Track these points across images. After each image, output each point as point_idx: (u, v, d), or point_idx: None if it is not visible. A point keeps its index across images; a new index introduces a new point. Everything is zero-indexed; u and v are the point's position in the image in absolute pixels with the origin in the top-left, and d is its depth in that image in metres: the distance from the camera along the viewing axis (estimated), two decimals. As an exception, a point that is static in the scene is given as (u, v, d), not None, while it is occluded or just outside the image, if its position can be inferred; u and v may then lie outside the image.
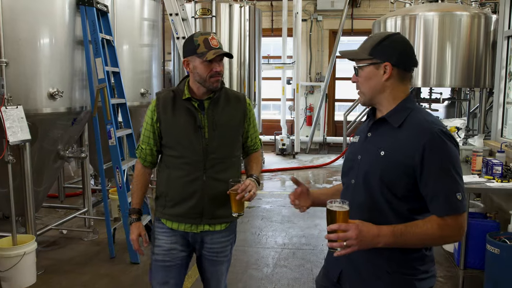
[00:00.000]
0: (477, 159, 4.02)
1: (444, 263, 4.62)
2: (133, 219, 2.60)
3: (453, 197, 1.73)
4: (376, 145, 1.89)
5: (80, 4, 4.62)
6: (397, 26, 8.01)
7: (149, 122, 2.54)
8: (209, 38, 2.40)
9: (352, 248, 1.70)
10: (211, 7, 9.10)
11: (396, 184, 1.80)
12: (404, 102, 1.87)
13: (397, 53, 1.85)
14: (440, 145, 1.74)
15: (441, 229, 1.73)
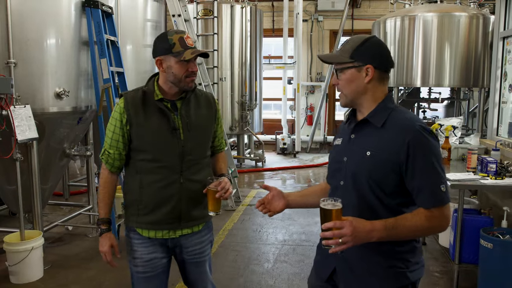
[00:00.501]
0: (472, 157, 4.13)
1: (440, 259, 4.73)
2: (103, 229, 2.47)
3: (438, 190, 1.81)
4: (361, 146, 1.94)
5: (85, 6, 4.74)
6: (397, 26, 8.11)
7: (117, 125, 2.39)
8: (184, 37, 2.33)
9: (347, 244, 1.74)
10: (212, 8, 9.21)
11: (384, 182, 1.87)
12: (384, 102, 1.93)
13: (377, 56, 1.92)
14: (423, 141, 1.82)
15: (429, 221, 1.80)
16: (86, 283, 4.28)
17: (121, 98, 2.41)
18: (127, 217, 2.51)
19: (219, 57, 9.38)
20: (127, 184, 2.49)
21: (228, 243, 5.26)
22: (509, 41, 4.73)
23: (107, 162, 2.45)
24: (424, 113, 9.98)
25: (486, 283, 3.61)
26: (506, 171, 3.97)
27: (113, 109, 2.43)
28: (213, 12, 9.21)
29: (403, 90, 9.51)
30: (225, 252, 4.99)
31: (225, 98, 9.58)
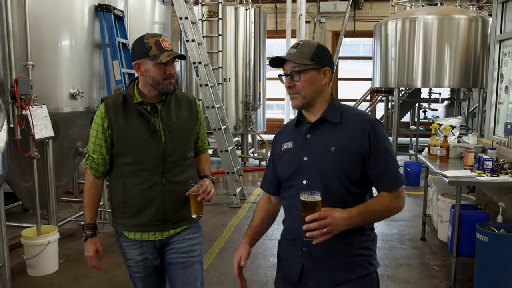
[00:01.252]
0: (469, 155, 4.31)
1: (439, 253, 4.92)
2: (88, 234, 2.48)
3: (398, 173, 1.98)
4: (322, 143, 2.00)
5: (98, 10, 4.93)
6: (398, 28, 8.30)
7: (99, 130, 2.40)
8: (160, 40, 2.33)
9: (331, 233, 1.82)
10: (217, 9, 9.39)
11: (352, 172, 1.97)
12: (333, 101, 2.06)
13: (330, 59, 2.05)
14: (379, 131, 1.97)
15: (392, 202, 1.96)
16: (98, 276, 4.47)
17: (102, 103, 2.43)
18: (114, 220, 2.52)
19: (224, 58, 9.56)
20: (112, 188, 2.50)
21: (234, 238, 5.44)
22: (505, 44, 4.91)
23: (91, 167, 2.46)
24: (424, 113, 10.16)
25: (482, 274, 3.80)
26: (502, 168, 4.16)
27: (96, 113, 2.43)
28: (217, 14, 9.38)
29: (404, 91, 9.68)
30: (232, 247, 5.18)
31: (230, 98, 9.77)
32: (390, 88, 8.93)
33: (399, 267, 4.59)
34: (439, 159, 4.83)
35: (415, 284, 4.23)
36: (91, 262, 2.48)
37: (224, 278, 4.38)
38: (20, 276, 4.38)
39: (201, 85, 6.80)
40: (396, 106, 8.68)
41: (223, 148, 6.74)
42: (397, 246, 5.18)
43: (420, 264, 4.70)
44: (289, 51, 2.03)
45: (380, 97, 10.19)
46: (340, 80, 12.90)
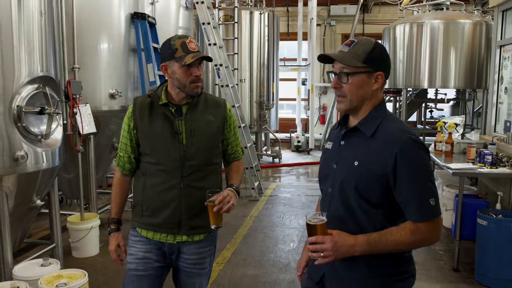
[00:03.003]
0: (471, 149, 4.77)
1: (444, 240, 5.38)
2: (112, 229, 2.51)
3: (426, 203, 1.77)
4: (350, 154, 1.90)
5: (134, 18, 5.43)
6: (406, 32, 8.75)
7: (126, 129, 2.46)
8: (187, 41, 2.31)
9: (329, 258, 1.78)
10: (233, 14, 9.87)
11: (371, 193, 1.84)
12: (376, 109, 1.90)
13: (387, 63, 1.91)
14: (411, 154, 1.78)
15: (414, 235, 1.78)
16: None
17: (131, 104, 2.49)
18: (132, 216, 2.54)
19: (239, 60, 10.04)
20: (135, 186, 2.53)
21: (256, 227, 5.92)
22: (505, 49, 5.37)
23: (118, 164, 2.53)
24: (431, 113, 10.60)
25: (482, 255, 4.25)
26: (500, 161, 4.62)
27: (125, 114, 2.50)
28: (233, 18, 9.86)
29: (411, 91, 10.12)
30: (254, 234, 5.66)
31: (245, 98, 10.24)
32: (398, 88, 9.38)
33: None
34: (444, 154, 5.30)
35: (422, 265, 4.70)
36: (112, 256, 2.51)
37: (250, 260, 4.85)
38: (67, 257, 4.87)
39: (222, 86, 7.28)
40: (404, 106, 9.13)
41: (242, 145, 7.22)
42: (405, 234, 5.64)
43: (426, 249, 5.16)
44: (341, 48, 1.90)
45: (388, 97, 10.64)
46: (349, 81, 13.34)
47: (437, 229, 1.82)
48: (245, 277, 4.42)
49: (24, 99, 3.64)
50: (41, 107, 3.76)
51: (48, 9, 3.93)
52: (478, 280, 4.28)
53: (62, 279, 3.45)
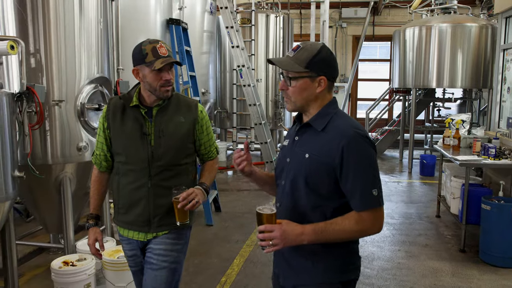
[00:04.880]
0: (476, 143, 5.28)
1: (452, 226, 5.89)
2: (90, 224, 2.58)
3: (369, 193, 1.85)
4: (302, 148, 1.97)
5: (169, 23, 5.96)
6: (415, 35, 9.26)
7: (101, 128, 2.54)
8: (157, 46, 2.34)
9: (278, 246, 1.83)
10: (250, 17, 10.37)
11: (320, 185, 1.90)
12: (326, 107, 1.97)
13: (330, 67, 1.95)
14: (356, 146, 1.85)
15: (358, 224, 1.85)
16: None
17: (106, 105, 2.57)
18: (114, 215, 2.66)
19: (256, 60, 10.55)
20: (111, 185, 2.63)
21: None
22: (508, 52, 5.87)
23: (95, 162, 2.63)
24: (438, 111, 11.08)
25: (485, 237, 4.76)
26: (503, 154, 5.12)
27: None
28: (250, 20, 10.37)
29: (420, 91, 10.60)
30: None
31: (261, 97, 10.69)
32: (407, 88, 9.88)
33: (418, 236, 5.57)
34: (452, 148, 5.81)
35: (432, 247, 5.22)
36: (91, 249, 2.58)
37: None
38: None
39: (244, 86, 7.80)
40: (413, 105, 9.62)
41: (263, 140, 7.74)
42: (416, 221, 6.15)
43: (435, 234, 5.68)
44: (288, 53, 1.98)
45: (397, 97, 11.14)
46: (360, 81, 13.87)
47: (379, 218, 1.89)
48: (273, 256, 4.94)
49: (85, 97, 4.19)
50: (98, 104, 4.30)
51: (103, 18, 4.48)
52: (483, 259, 4.80)
53: (120, 253, 3.97)
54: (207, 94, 7.67)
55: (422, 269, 4.63)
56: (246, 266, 4.68)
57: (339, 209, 1.91)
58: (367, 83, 14.03)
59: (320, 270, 1.97)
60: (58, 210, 4.37)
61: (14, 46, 3.17)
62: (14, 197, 3.19)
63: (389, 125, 11.78)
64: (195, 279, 4.35)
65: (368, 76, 14.13)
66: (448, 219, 6.16)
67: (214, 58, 8.54)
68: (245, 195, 7.67)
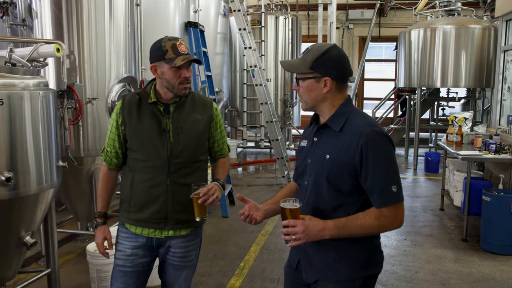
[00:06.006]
0: (478, 139, 5.61)
1: (455, 218, 6.22)
2: (99, 223, 2.53)
3: (388, 190, 1.90)
4: (322, 149, 2.03)
5: (188, 26, 6.31)
6: (420, 36, 9.56)
7: (114, 125, 2.49)
8: (177, 43, 2.35)
9: (300, 240, 1.89)
10: (260, 18, 10.70)
11: (342, 183, 1.96)
12: (342, 107, 2.03)
13: (335, 68, 1.99)
14: (375, 145, 1.90)
15: (378, 219, 1.91)
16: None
17: (120, 101, 2.52)
18: (120, 212, 2.59)
19: (265, 61, 10.87)
20: (123, 181, 2.58)
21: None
22: (508, 53, 6.19)
23: (105, 159, 2.57)
24: (443, 110, 11.37)
25: (486, 226, 5.08)
26: (503, 149, 5.44)
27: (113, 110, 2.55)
28: (260, 22, 10.70)
29: (425, 90, 10.90)
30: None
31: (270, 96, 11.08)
32: (412, 88, 10.19)
33: (423, 227, 5.90)
34: (455, 144, 6.13)
35: (436, 237, 5.55)
36: (100, 249, 2.52)
37: (288, 232, 5.70)
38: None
39: (256, 85, 8.13)
40: (418, 104, 9.94)
41: (274, 137, 8.08)
42: (420, 214, 6.49)
43: (439, 225, 6.01)
44: (299, 55, 2.09)
45: (403, 97, 11.45)
46: (366, 81, 14.21)
47: (399, 214, 1.94)
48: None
49: (115, 96, 4.55)
50: (126, 102, 4.65)
51: (130, 21, 4.84)
52: (483, 247, 5.13)
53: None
54: (221, 93, 8.01)
55: (426, 256, 4.97)
56: (263, 253, 5.02)
57: (361, 205, 1.98)
58: (373, 83, 14.36)
59: (343, 266, 2.02)
60: (89, 199, 4.74)
61: (60, 48, 3.51)
62: (57, 185, 3.51)
63: (395, 124, 12.10)
64: (216, 264, 4.69)
65: (374, 76, 14.45)
66: (451, 212, 6.49)
67: (227, 59, 8.89)
68: (257, 190, 8.01)
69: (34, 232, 3.49)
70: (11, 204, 3.16)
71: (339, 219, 1.93)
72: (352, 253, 2.03)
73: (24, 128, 3.12)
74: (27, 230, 3.39)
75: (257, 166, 10.48)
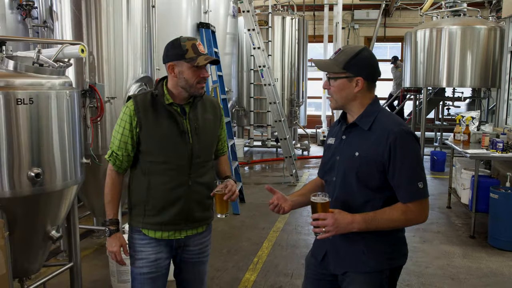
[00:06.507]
0: (485, 138, 5.72)
1: (462, 216, 6.33)
2: (112, 230, 2.45)
3: (415, 186, 2.01)
4: (351, 147, 2.13)
5: (200, 27, 6.43)
6: (426, 37, 9.65)
7: (127, 127, 2.39)
8: (196, 43, 2.34)
9: (330, 233, 2.00)
10: (267, 19, 10.80)
11: (370, 179, 2.07)
12: (370, 106, 2.13)
13: (367, 68, 2.11)
14: (403, 143, 2.01)
15: (405, 214, 2.02)
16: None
17: (130, 100, 2.42)
18: (132, 218, 2.51)
19: (272, 61, 10.98)
20: (134, 186, 2.48)
21: (298, 205, 6.89)
22: (515, 53, 6.32)
23: (114, 164, 2.45)
24: (448, 110, 11.46)
25: (494, 223, 5.19)
26: (510, 148, 5.54)
27: (122, 110, 2.44)
28: (267, 23, 10.80)
29: (430, 90, 10.99)
30: (299, 210, 6.60)
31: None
32: (418, 87, 10.28)
33: (430, 224, 6.01)
34: (462, 143, 6.24)
35: (444, 233, 5.67)
36: (117, 257, 2.47)
37: (299, 229, 5.83)
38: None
39: (265, 85, 8.26)
40: (424, 103, 10.04)
41: (283, 136, 8.21)
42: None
43: (447, 222, 6.13)
44: (331, 55, 2.19)
45: (408, 95, 11.55)
46: (371, 80, 14.26)
47: (425, 209, 2.05)
48: (299, 240, 5.42)
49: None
50: (143, 101, 4.77)
51: (147, 22, 4.96)
52: (491, 244, 5.24)
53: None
54: (230, 92, 8.14)
55: (435, 252, 5.08)
56: (275, 248, 5.14)
57: (388, 200, 2.07)
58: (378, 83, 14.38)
59: (371, 258, 2.12)
60: (106, 196, 4.85)
61: (84, 49, 3.63)
62: (81, 182, 3.64)
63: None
64: (230, 259, 4.81)
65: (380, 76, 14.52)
66: (458, 210, 6.60)
67: (236, 59, 9.02)
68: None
69: (59, 227, 3.62)
70: (38, 200, 3.29)
71: (367, 213, 2.03)
72: (380, 246, 2.12)
73: (51, 126, 3.25)
74: (52, 225, 3.52)
75: (264, 165, 10.60)
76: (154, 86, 3.40)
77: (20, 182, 3.13)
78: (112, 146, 2.44)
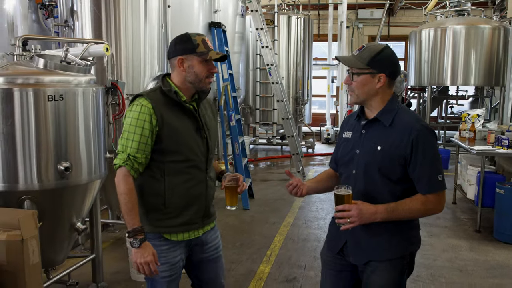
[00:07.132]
0: (491, 135, 5.86)
1: (467, 211, 6.47)
2: (142, 239, 2.24)
3: (435, 179, 2.15)
4: (372, 141, 2.22)
5: (211, 26, 6.56)
6: (430, 36, 9.80)
7: (146, 127, 2.24)
8: (206, 39, 2.33)
9: (354, 223, 2.10)
10: (273, 18, 10.92)
11: (391, 171, 2.18)
12: (390, 103, 2.24)
13: (390, 65, 2.20)
14: (424, 138, 2.14)
15: (424, 205, 2.16)
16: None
17: (142, 99, 2.29)
18: (149, 222, 2.37)
19: (278, 59, 11.09)
20: (151, 188, 2.36)
21: (307, 202, 7.02)
22: (520, 52, 6.46)
23: (132, 168, 2.26)
24: (451, 108, 11.60)
25: (499, 218, 5.33)
26: (515, 144, 5.70)
27: (134, 109, 2.28)
28: (273, 22, 10.93)
29: (434, 88, 11.13)
30: (307, 206, 6.77)
31: (282, 94, 11.35)
32: (423, 86, 10.43)
33: (437, 219, 6.15)
34: (468, 140, 6.38)
35: (450, 228, 5.81)
36: (152, 267, 2.25)
37: (309, 224, 5.97)
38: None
39: (273, 83, 8.39)
40: (429, 101, 10.18)
41: (290, 134, 8.34)
42: (434, 207, 6.73)
43: (453, 218, 6.27)
44: (354, 51, 2.27)
45: (412, 94, 11.69)
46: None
47: (442, 200, 2.20)
48: (309, 234, 5.57)
49: (149, 92, 4.80)
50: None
51: (163, 22, 5.10)
52: (497, 238, 5.38)
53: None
54: (239, 90, 8.27)
55: (442, 245, 5.23)
56: (287, 242, 5.29)
57: (407, 191, 2.19)
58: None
59: (393, 245, 2.23)
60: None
61: (108, 48, 3.78)
62: (104, 176, 3.78)
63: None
64: (244, 252, 4.95)
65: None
66: (464, 205, 6.74)
67: (244, 58, 9.16)
68: (273, 185, 8.27)
69: (83, 219, 3.76)
70: (65, 192, 3.43)
71: (389, 204, 2.14)
72: (401, 232, 2.25)
73: (77, 122, 3.39)
74: (77, 217, 3.66)
75: (269, 162, 10.74)
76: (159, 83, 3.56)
77: (47, 176, 3.27)
78: (126, 150, 2.26)
